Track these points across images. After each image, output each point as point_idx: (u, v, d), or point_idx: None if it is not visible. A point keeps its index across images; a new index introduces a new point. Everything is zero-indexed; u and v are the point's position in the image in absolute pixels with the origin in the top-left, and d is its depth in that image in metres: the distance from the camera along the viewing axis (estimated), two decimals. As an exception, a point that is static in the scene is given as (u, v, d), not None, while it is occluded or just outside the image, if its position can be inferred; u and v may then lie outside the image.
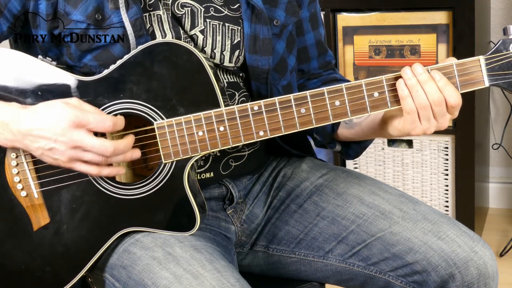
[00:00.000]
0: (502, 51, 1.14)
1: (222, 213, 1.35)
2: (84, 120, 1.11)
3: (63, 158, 1.13)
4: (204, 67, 1.16)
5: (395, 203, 1.30)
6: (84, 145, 1.11)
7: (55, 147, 1.12)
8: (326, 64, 1.47)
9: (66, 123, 1.11)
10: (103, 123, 1.12)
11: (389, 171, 2.51)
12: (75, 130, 1.11)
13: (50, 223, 1.21)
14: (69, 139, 1.11)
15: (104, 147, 1.12)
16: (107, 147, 1.12)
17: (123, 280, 1.18)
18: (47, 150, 1.13)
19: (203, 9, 1.26)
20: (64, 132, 1.11)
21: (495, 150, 2.70)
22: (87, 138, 1.11)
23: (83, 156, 1.13)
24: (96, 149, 1.12)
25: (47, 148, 1.12)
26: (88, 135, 1.11)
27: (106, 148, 1.12)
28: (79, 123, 1.11)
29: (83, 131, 1.11)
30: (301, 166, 1.41)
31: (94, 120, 1.12)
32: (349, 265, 1.31)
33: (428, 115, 1.14)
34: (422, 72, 1.13)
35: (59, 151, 1.12)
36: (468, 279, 1.21)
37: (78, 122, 1.11)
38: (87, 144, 1.11)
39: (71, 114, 1.11)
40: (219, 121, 1.16)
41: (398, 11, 2.32)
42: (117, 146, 1.13)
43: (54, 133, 1.11)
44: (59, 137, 1.11)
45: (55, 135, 1.11)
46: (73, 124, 1.11)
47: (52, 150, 1.12)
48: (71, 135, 1.11)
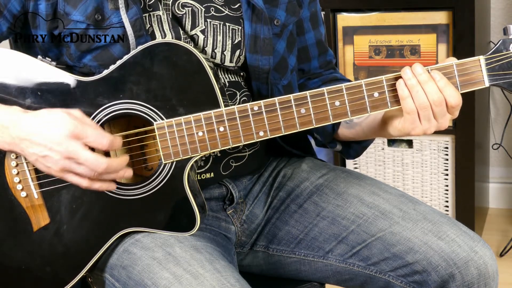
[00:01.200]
0: (502, 51, 1.14)
1: (222, 213, 1.35)
2: (82, 132, 1.10)
3: (55, 168, 1.12)
4: (204, 67, 1.16)
5: (395, 203, 1.30)
6: (78, 157, 1.10)
7: (49, 155, 1.11)
8: (327, 64, 1.47)
9: (64, 133, 1.10)
10: (101, 139, 1.11)
11: (389, 171, 2.51)
12: (71, 141, 1.10)
13: (50, 223, 1.21)
14: (64, 149, 1.10)
15: (98, 162, 1.11)
16: (100, 163, 1.11)
17: (123, 280, 1.18)
18: (41, 157, 1.12)
19: (203, 9, 1.26)
20: (60, 141, 1.10)
21: (495, 150, 2.70)
22: (82, 151, 1.10)
23: (75, 168, 1.12)
24: (89, 163, 1.11)
25: (41, 155, 1.12)
26: (84, 148, 1.11)
27: (99, 164, 1.11)
28: (77, 135, 1.10)
29: (80, 143, 1.11)
30: (301, 166, 1.41)
31: (92, 134, 1.11)
32: (349, 265, 1.31)
33: (428, 115, 1.14)
34: (422, 72, 1.13)
35: (53, 159, 1.11)
36: (468, 279, 1.21)
37: (76, 133, 1.10)
38: (82, 156, 1.10)
39: (71, 125, 1.10)
40: (219, 121, 1.16)
41: (398, 11, 2.32)
42: (110, 164, 1.12)
43: (50, 141, 1.11)
44: (54, 146, 1.10)
45: (51, 143, 1.11)
46: (71, 134, 1.10)
47: (45, 158, 1.12)
48: (67, 145, 1.10)
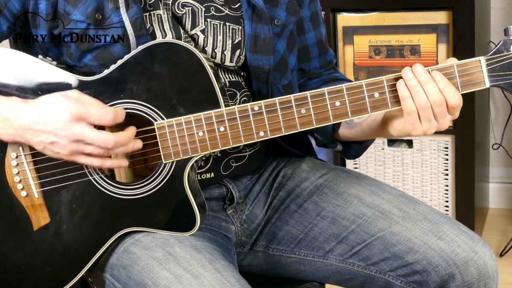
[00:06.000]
0: (503, 52, 1.14)
1: (222, 213, 1.35)
2: (85, 113, 1.11)
3: (65, 152, 1.13)
4: (204, 67, 1.16)
5: (395, 203, 1.30)
6: (85, 138, 1.11)
7: (56, 141, 1.12)
8: (327, 64, 1.47)
9: (67, 117, 1.11)
10: (104, 115, 1.12)
11: (389, 171, 2.51)
12: (75, 124, 1.11)
13: (50, 223, 1.21)
14: (70, 132, 1.11)
15: (106, 140, 1.12)
16: (108, 139, 1.12)
17: (123, 280, 1.18)
18: (48, 144, 1.13)
19: (203, 9, 1.26)
20: (65, 126, 1.11)
21: (495, 150, 2.70)
22: (88, 132, 1.11)
23: (84, 149, 1.13)
24: (98, 142, 1.12)
25: (49, 142, 1.13)
26: (89, 128, 1.12)
27: (107, 141, 1.12)
28: (80, 117, 1.11)
29: (84, 124, 1.11)
30: (301, 166, 1.41)
31: (95, 113, 1.12)
32: (349, 265, 1.31)
33: (428, 116, 1.14)
34: (422, 72, 1.13)
35: (60, 145, 1.12)
36: (468, 279, 1.21)
37: (79, 115, 1.11)
38: (88, 137, 1.11)
39: (72, 108, 1.11)
40: (220, 121, 1.16)
41: (398, 11, 2.32)
42: (118, 138, 1.13)
43: (55, 127, 1.11)
44: (60, 131, 1.11)
45: (55, 129, 1.11)
46: (74, 117, 1.11)
47: (53, 144, 1.13)
48: (72, 129, 1.11)
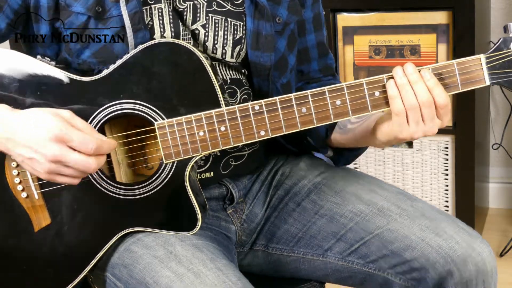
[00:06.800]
0: (503, 49, 1.14)
1: (222, 213, 1.35)
2: (66, 136, 1.08)
3: (42, 170, 1.10)
4: (204, 66, 1.16)
5: (392, 200, 1.30)
6: (66, 161, 1.08)
7: (35, 158, 1.08)
8: (326, 67, 1.46)
9: (48, 135, 1.07)
10: (85, 144, 1.08)
11: (389, 171, 2.51)
12: (55, 144, 1.07)
13: (51, 224, 1.21)
14: (49, 152, 1.07)
15: (87, 164, 1.09)
16: (90, 163, 1.09)
17: (125, 279, 1.18)
18: (27, 159, 1.10)
19: (205, 4, 1.26)
20: (45, 144, 1.07)
21: (495, 150, 2.70)
22: (69, 154, 1.08)
23: (63, 171, 1.10)
24: (79, 165, 1.08)
25: (28, 157, 1.09)
26: (70, 150, 1.08)
27: (89, 165, 1.09)
28: (61, 138, 1.08)
29: (64, 146, 1.08)
30: (299, 165, 1.41)
31: (77, 139, 1.08)
32: (348, 262, 1.31)
33: (417, 118, 1.13)
34: (412, 72, 1.13)
35: (39, 162, 1.09)
36: (466, 275, 1.20)
37: (60, 137, 1.07)
38: (70, 160, 1.08)
39: (56, 128, 1.08)
40: (220, 121, 1.16)
41: (398, 11, 2.32)
42: (100, 161, 1.11)
43: (36, 143, 1.08)
44: (40, 148, 1.08)
45: (36, 145, 1.08)
46: (55, 137, 1.07)
47: (32, 160, 1.09)
48: (51, 148, 1.07)
